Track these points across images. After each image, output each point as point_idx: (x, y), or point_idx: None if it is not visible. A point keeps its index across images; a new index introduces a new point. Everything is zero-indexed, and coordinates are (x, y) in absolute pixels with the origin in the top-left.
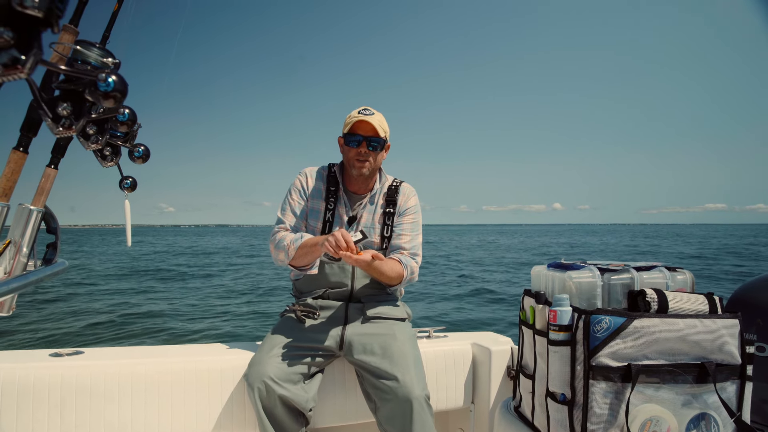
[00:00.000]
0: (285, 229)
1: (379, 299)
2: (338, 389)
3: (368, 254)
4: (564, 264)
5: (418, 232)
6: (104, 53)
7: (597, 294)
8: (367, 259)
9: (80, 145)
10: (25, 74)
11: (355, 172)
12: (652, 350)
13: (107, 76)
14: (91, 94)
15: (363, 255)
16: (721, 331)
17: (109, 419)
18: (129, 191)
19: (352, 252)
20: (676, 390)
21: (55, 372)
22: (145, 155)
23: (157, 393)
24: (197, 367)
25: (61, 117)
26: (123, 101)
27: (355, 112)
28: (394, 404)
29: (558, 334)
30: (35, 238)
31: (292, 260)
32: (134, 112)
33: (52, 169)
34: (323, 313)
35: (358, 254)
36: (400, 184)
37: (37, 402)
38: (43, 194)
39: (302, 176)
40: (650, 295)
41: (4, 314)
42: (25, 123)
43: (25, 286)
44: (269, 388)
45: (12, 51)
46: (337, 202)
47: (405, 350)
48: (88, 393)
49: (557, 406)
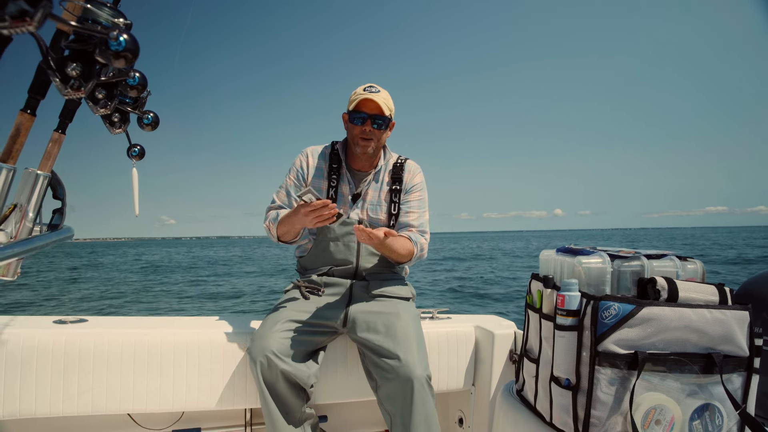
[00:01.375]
0: (275, 208)
1: (384, 277)
2: (340, 366)
3: (380, 231)
4: (573, 249)
5: (425, 209)
6: (116, 13)
7: (606, 280)
8: (380, 236)
9: (88, 113)
10: (34, 27)
11: (359, 150)
12: (659, 339)
13: (119, 35)
14: (101, 53)
15: (376, 231)
16: (730, 323)
17: (112, 387)
18: (137, 159)
19: (326, 205)
20: (681, 379)
21: (59, 339)
22: (154, 122)
23: (160, 363)
24: (201, 339)
25: (70, 77)
26: (134, 62)
27: (361, 89)
28: (396, 383)
29: (565, 318)
30: (41, 203)
31: (279, 236)
32: (144, 76)
33: (59, 134)
34: (328, 290)
35: (370, 231)
36: (405, 161)
37: (41, 368)
38: (50, 159)
39: (303, 155)
40: (660, 283)
41: (9, 278)
42: (33, 84)
43: (30, 251)
44: (271, 363)
45: (20, 2)
46: (339, 180)
47: (408, 330)
48: (91, 360)
49: (561, 391)
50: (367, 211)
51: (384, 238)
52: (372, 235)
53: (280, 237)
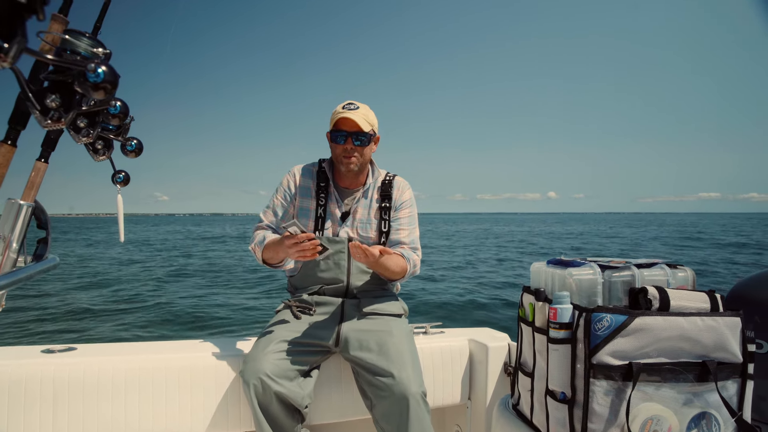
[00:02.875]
0: (262, 228)
1: (375, 295)
2: (334, 386)
3: (376, 249)
4: (564, 261)
5: (415, 226)
6: (94, 43)
7: (598, 291)
8: (376, 254)
9: (71, 139)
10: (8, 63)
11: (343, 168)
12: (653, 348)
13: (97, 66)
14: (80, 85)
15: (372, 249)
16: (722, 330)
17: (103, 416)
18: (122, 185)
19: (308, 239)
20: (677, 389)
21: (48, 368)
22: (138, 149)
23: (152, 389)
24: (192, 364)
25: (49, 109)
26: (113, 93)
27: (340, 107)
28: (391, 401)
29: (558, 332)
30: (25, 233)
31: (265, 260)
32: (126, 104)
33: (42, 163)
34: (319, 309)
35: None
36: (394, 177)
37: (29, 399)
38: (33, 188)
39: (290, 175)
40: (652, 292)
41: None
42: (13, 115)
43: (15, 282)
44: (265, 385)
45: None
46: (327, 198)
47: (401, 347)
48: (80, 389)
49: (557, 405)
50: (357, 229)
51: (379, 256)
52: (368, 252)
53: (266, 261)
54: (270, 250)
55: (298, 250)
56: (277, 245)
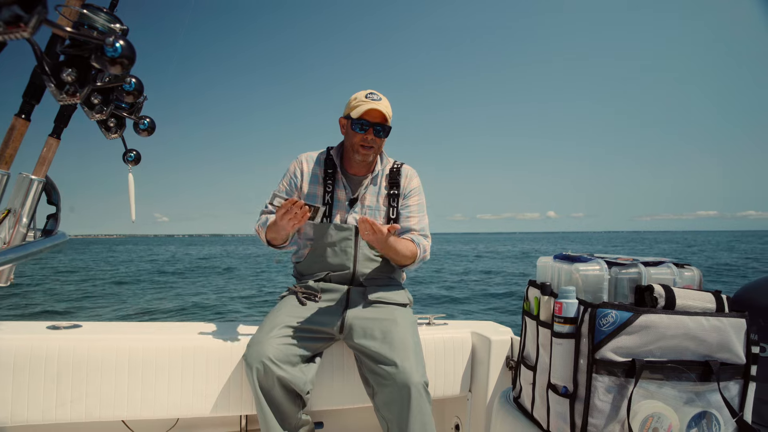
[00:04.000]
0: (267, 213)
1: (382, 283)
2: (336, 373)
3: (384, 227)
4: (571, 256)
5: (424, 213)
6: (112, 18)
7: (604, 287)
8: (384, 231)
9: (84, 118)
10: (29, 33)
11: (359, 158)
12: (657, 346)
13: (115, 40)
14: (97, 59)
15: (380, 225)
16: (727, 330)
17: (105, 393)
18: (133, 164)
19: (298, 205)
20: (679, 387)
21: (53, 344)
22: (150, 128)
23: (155, 369)
24: (196, 345)
25: (65, 83)
26: (130, 68)
27: (362, 95)
28: (392, 390)
29: (563, 326)
30: (35, 208)
31: (269, 241)
32: (141, 82)
33: (54, 139)
34: (324, 295)
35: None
36: (402, 165)
37: (34, 374)
38: (44, 164)
39: (297, 162)
40: (658, 290)
41: (2, 284)
42: (28, 89)
43: (24, 257)
44: (267, 369)
45: (14, 7)
46: (335, 185)
47: (405, 336)
48: (84, 366)
49: (558, 399)
50: (366, 216)
51: (387, 234)
52: (376, 227)
53: (270, 241)
54: (272, 230)
55: (289, 218)
56: (275, 224)
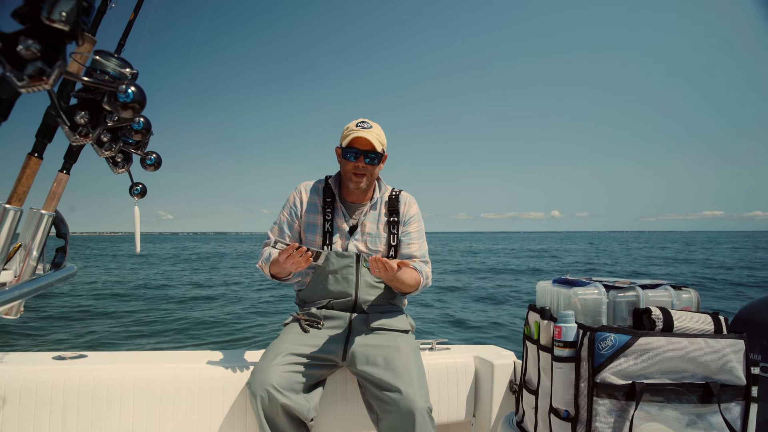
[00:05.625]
0: (269, 245)
1: (383, 310)
2: (340, 400)
3: (394, 263)
4: (569, 280)
5: (424, 239)
6: (122, 63)
7: (602, 311)
8: (395, 267)
9: (92, 153)
10: (50, 85)
11: (352, 186)
12: (656, 369)
13: (127, 87)
14: (109, 104)
15: (391, 262)
16: (726, 352)
17: (111, 423)
18: (139, 197)
19: (300, 251)
20: (680, 409)
21: (58, 375)
22: (157, 163)
23: (160, 398)
24: (200, 374)
25: (78, 125)
26: (141, 112)
27: (353, 124)
28: (397, 416)
29: (563, 350)
30: (45, 242)
31: (273, 275)
32: (149, 121)
33: (64, 174)
34: (327, 323)
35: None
36: (400, 192)
37: (40, 405)
38: (54, 199)
39: (297, 192)
40: (656, 313)
41: (12, 317)
42: (41, 129)
43: (35, 291)
44: (272, 397)
45: (38, 63)
46: (334, 213)
47: (408, 362)
48: (90, 397)
49: (560, 423)
50: (366, 243)
51: (397, 270)
52: (388, 266)
53: (274, 276)
54: (276, 266)
55: (292, 262)
56: (279, 263)
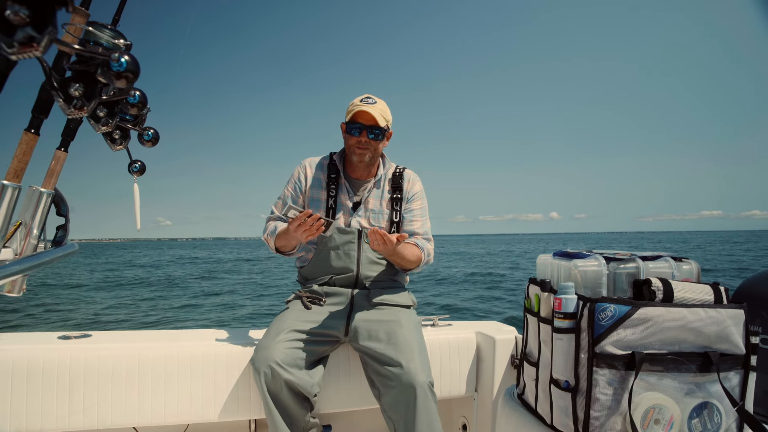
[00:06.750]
0: (274, 219)
1: (385, 285)
2: (343, 375)
3: (394, 236)
4: (570, 253)
5: (427, 217)
6: (116, 34)
7: (602, 283)
8: (394, 241)
9: (89, 131)
10: (40, 52)
11: (355, 159)
12: (656, 339)
13: (120, 56)
14: (103, 74)
15: (390, 236)
16: (725, 321)
17: (116, 401)
18: (138, 175)
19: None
20: (679, 379)
21: (64, 354)
22: (154, 138)
23: (164, 376)
24: (204, 351)
25: (73, 98)
26: (135, 81)
27: (358, 99)
28: (398, 391)
29: (563, 321)
30: (45, 219)
31: (278, 249)
32: (144, 94)
33: (62, 152)
34: (329, 299)
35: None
36: (404, 170)
37: (46, 384)
38: (53, 177)
39: (301, 167)
40: (655, 284)
41: (15, 294)
42: (37, 104)
43: (35, 267)
44: (275, 373)
45: (27, 29)
46: (338, 189)
47: (410, 337)
48: (95, 375)
49: (561, 393)
50: (369, 219)
51: (396, 243)
52: (386, 238)
53: (279, 249)
54: (282, 238)
55: (304, 230)
56: (286, 233)
